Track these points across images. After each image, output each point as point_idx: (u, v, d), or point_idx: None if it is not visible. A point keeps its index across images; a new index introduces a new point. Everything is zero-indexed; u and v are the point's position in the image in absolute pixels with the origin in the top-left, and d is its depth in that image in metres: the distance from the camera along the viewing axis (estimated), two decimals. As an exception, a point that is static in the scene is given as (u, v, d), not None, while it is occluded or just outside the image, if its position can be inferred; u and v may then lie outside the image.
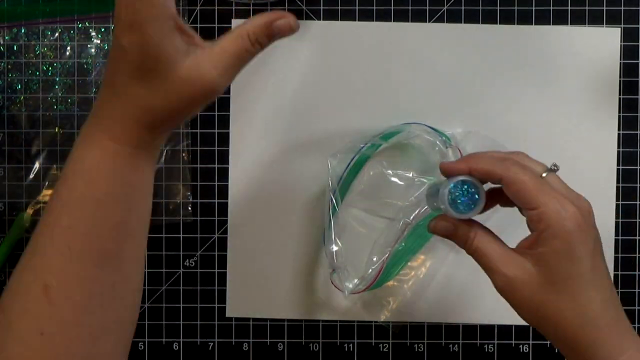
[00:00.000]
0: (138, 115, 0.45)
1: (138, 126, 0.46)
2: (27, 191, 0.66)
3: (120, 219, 0.46)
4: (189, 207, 0.67)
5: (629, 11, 0.66)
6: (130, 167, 0.46)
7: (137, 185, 0.47)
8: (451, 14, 0.66)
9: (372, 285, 0.62)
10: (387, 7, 0.66)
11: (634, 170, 0.66)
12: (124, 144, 0.46)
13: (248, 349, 0.67)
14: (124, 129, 0.46)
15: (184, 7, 0.66)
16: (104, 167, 0.46)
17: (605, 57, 0.66)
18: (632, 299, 0.66)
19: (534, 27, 0.66)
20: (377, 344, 0.67)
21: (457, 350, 0.67)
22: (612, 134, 0.66)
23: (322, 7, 0.67)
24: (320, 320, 0.66)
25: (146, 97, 0.45)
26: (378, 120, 0.66)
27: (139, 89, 0.45)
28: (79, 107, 0.67)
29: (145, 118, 0.45)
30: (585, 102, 0.66)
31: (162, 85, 0.45)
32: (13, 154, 0.67)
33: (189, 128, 0.67)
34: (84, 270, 0.45)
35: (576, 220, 0.45)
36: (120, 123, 0.45)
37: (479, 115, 0.66)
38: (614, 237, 0.66)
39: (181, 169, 0.66)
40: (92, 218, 0.45)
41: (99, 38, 0.67)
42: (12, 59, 0.67)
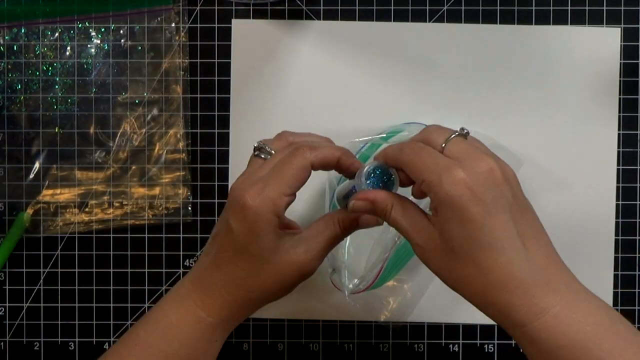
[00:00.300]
0: (235, 294, 0.51)
1: (231, 303, 0.51)
2: (27, 191, 0.66)
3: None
4: (189, 207, 0.67)
5: (629, 11, 0.66)
6: (208, 336, 0.52)
7: (208, 353, 0.53)
8: (451, 14, 0.66)
9: (372, 285, 0.62)
10: (387, 7, 0.66)
11: (634, 170, 0.66)
12: (212, 315, 0.51)
13: (248, 349, 0.67)
14: (217, 303, 0.51)
15: (184, 7, 0.66)
16: (185, 329, 0.51)
17: (605, 57, 0.66)
18: (632, 299, 0.66)
19: (534, 27, 0.66)
20: (377, 344, 0.67)
21: (457, 350, 0.67)
22: (612, 134, 0.66)
23: (322, 7, 0.67)
24: (320, 320, 0.66)
25: (247, 278, 0.50)
26: (378, 119, 0.66)
27: (241, 270, 0.50)
28: (79, 107, 0.67)
29: (242, 297, 0.51)
30: (585, 102, 0.66)
31: (262, 269, 0.50)
32: (13, 154, 0.67)
33: (189, 128, 0.67)
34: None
35: (462, 183, 0.44)
36: (216, 297, 0.51)
37: (479, 115, 0.66)
38: (614, 237, 0.66)
39: (181, 169, 0.67)
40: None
41: (99, 38, 0.67)
42: (12, 59, 0.67)
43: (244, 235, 0.49)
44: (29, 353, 0.67)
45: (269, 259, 0.50)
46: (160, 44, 0.66)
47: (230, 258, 0.50)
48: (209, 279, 0.51)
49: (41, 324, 0.67)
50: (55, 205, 0.66)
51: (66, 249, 0.67)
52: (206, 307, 0.51)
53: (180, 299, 0.52)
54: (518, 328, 0.45)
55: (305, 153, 0.50)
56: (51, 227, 0.66)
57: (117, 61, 0.67)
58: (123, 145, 0.67)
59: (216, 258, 0.51)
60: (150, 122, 0.67)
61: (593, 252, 0.66)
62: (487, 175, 0.45)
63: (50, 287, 0.67)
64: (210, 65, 0.67)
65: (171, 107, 0.67)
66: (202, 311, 0.51)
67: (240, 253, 0.50)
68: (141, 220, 0.67)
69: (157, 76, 0.66)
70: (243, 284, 0.51)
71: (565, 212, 0.66)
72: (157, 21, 0.66)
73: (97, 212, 0.67)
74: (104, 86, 0.67)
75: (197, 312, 0.51)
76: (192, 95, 0.67)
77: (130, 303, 0.67)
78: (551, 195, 0.66)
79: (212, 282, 0.51)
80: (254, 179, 0.50)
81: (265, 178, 0.49)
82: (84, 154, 0.67)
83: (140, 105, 0.67)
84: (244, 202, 0.48)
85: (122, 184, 0.67)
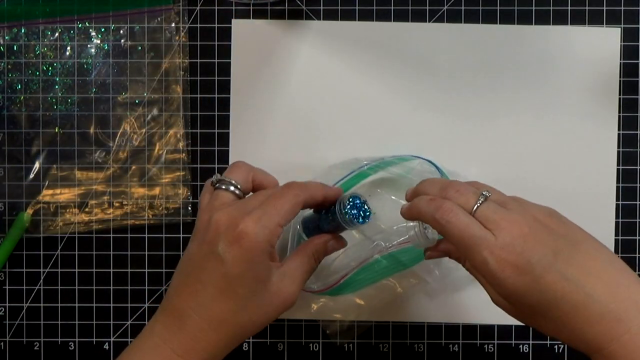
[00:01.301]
0: (222, 332, 0.49)
1: (216, 343, 0.49)
2: (27, 191, 0.66)
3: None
4: (189, 207, 0.67)
5: (629, 11, 0.66)
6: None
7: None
8: (451, 14, 0.66)
9: (327, 290, 0.61)
10: (387, 7, 0.66)
11: (634, 170, 0.66)
12: (190, 358, 0.49)
13: (248, 349, 0.67)
14: (200, 346, 0.49)
15: (184, 7, 0.66)
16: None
17: (605, 57, 0.66)
18: (632, 299, 0.66)
19: (534, 27, 0.66)
20: (377, 344, 0.67)
21: (457, 350, 0.67)
22: (612, 134, 0.66)
23: (322, 7, 0.67)
24: (320, 320, 0.66)
25: (237, 312, 0.49)
26: (378, 119, 0.66)
27: (232, 304, 0.49)
28: (79, 107, 0.67)
29: (229, 334, 0.49)
30: (585, 102, 0.66)
31: (252, 302, 0.49)
32: (13, 154, 0.67)
33: (189, 128, 0.67)
34: None
35: (506, 263, 0.45)
36: (200, 339, 0.49)
37: (478, 115, 0.66)
38: (614, 237, 0.66)
39: (181, 169, 0.67)
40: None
41: (99, 38, 0.67)
42: (12, 59, 0.67)
43: (238, 264, 0.48)
44: (29, 353, 0.67)
45: (260, 291, 0.49)
46: (160, 44, 0.66)
47: (218, 294, 0.49)
48: (187, 319, 0.49)
49: (41, 324, 0.67)
50: (55, 205, 0.66)
51: (66, 249, 0.67)
52: (187, 353, 0.48)
53: (151, 344, 0.49)
54: (594, 353, 0.46)
55: (297, 191, 0.51)
56: (51, 227, 0.66)
57: (117, 61, 0.67)
58: (123, 145, 0.67)
59: (196, 294, 0.49)
60: (150, 122, 0.67)
61: (593, 252, 0.66)
62: (523, 242, 0.46)
63: (50, 287, 0.67)
64: (210, 65, 0.67)
65: (171, 107, 0.67)
66: (179, 357, 0.48)
67: (231, 286, 0.48)
68: (141, 220, 0.67)
69: (157, 76, 0.66)
70: (232, 320, 0.49)
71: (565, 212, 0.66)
72: (157, 21, 0.66)
73: (97, 212, 0.67)
74: (104, 86, 0.67)
75: (172, 358, 0.48)
76: (192, 95, 0.67)
77: (130, 303, 0.67)
78: (551, 195, 0.66)
79: (193, 323, 0.49)
80: (245, 210, 0.49)
81: (261, 209, 0.49)
82: (84, 154, 0.67)
83: (140, 105, 0.67)
84: (240, 229, 0.48)
85: (122, 184, 0.67)
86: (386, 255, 0.61)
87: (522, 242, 0.46)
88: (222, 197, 0.52)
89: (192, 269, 0.50)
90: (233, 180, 0.52)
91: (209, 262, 0.49)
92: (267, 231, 0.48)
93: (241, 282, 0.49)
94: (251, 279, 0.49)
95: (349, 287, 0.62)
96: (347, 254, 0.62)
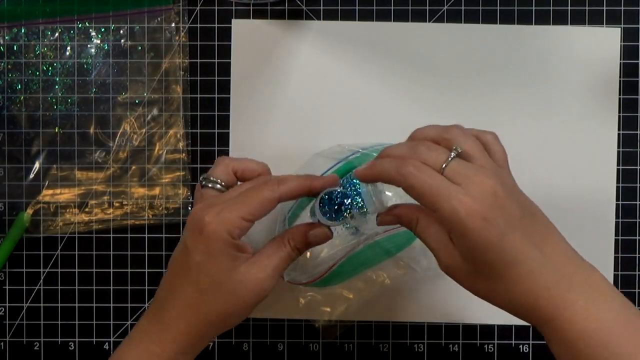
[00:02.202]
0: (191, 321, 0.51)
1: (188, 333, 0.51)
2: (27, 191, 0.66)
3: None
4: (189, 207, 0.67)
5: (629, 11, 0.66)
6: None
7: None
8: (451, 14, 0.66)
9: (315, 282, 0.61)
10: (387, 7, 0.66)
11: (634, 170, 0.66)
12: (167, 350, 0.51)
13: (248, 349, 0.67)
14: (171, 335, 0.51)
15: (184, 7, 0.66)
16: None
17: (605, 57, 0.66)
18: (632, 299, 0.66)
19: (534, 27, 0.66)
20: (377, 344, 0.67)
21: (457, 350, 0.67)
22: (612, 134, 0.66)
23: (322, 7, 0.67)
24: (320, 320, 0.66)
25: (203, 301, 0.50)
26: (378, 119, 0.66)
27: (197, 293, 0.50)
28: (78, 107, 0.67)
29: (199, 323, 0.51)
30: (585, 102, 0.66)
31: (218, 290, 0.50)
32: (13, 154, 0.67)
33: (189, 128, 0.67)
34: None
35: (476, 214, 0.45)
36: (172, 328, 0.51)
37: (478, 115, 0.66)
38: (614, 237, 0.66)
39: (181, 169, 0.67)
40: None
41: (99, 38, 0.67)
42: (12, 59, 0.67)
43: (199, 254, 0.50)
44: (29, 353, 0.67)
45: (225, 279, 0.50)
46: (160, 44, 0.66)
47: (185, 282, 0.51)
48: (164, 310, 0.51)
49: (41, 324, 0.67)
50: (55, 205, 0.66)
51: (66, 249, 0.67)
52: (161, 341, 0.51)
53: (137, 337, 0.52)
54: (545, 324, 0.47)
55: (274, 186, 0.51)
56: (51, 227, 0.66)
57: (117, 61, 0.67)
58: (123, 145, 0.67)
59: (171, 285, 0.52)
60: (150, 122, 0.67)
61: (593, 252, 0.66)
62: (493, 199, 0.46)
63: (50, 287, 0.67)
64: (210, 65, 0.67)
65: (171, 107, 0.67)
66: (157, 346, 0.51)
67: (196, 274, 0.50)
68: (141, 220, 0.67)
69: (157, 76, 0.66)
70: (199, 309, 0.51)
71: (565, 212, 0.66)
72: (157, 21, 0.66)
73: (97, 212, 0.67)
74: (104, 86, 0.67)
75: (151, 349, 0.51)
76: (192, 95, 0.67)
77: (130, 303, 0.67)
78: (551, 195, 0.66)
79: (167, 313, 0.51)
80: (214, 203, 0.51)
81: (226, 202, 0.51)
82: (84, 154, 0.67)
83: (140, 105, 0.67)
84: (202, 221, 0.50)
85: (122, 184, 0.67)
86: (372, 244, 0.60)
87: (492, 198, 0.46)
88: (205, 195, 0.53)
89: (171, 262, 0.53)
90: (214, 177, 0.54)
91: (181, 253, 0.52)
92: (226, 222, 0.50)
93: (204, 271, 0.50)
94: (213, 268, 0.50)
95: (336, 278, 0.62)
96: (333, 244, 0.61)
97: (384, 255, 0.62)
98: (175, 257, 0.52)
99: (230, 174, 0.54)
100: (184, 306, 0.51)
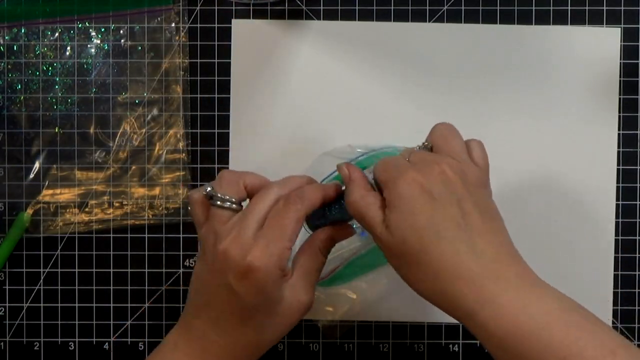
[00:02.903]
0: (242, 354, 0.50)
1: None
2: (27, 191, 0.66)
3: None
4: (189, 207, 0.67)
5: (629, 11, 0.66)
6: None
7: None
8: (451, 14, 0.66)
9: (321, 281, 0.61)
10: (387, 7, 0.66)
11: (634, 170, 0.66)
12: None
13: (248, 349, 0.67)
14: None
15: (184, 7, 0.66)
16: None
17: (605, 57, 0.66)
18: (632, 298, 0.66)
19: (534, 27, 0.66)
20: (377, 344, 0.67)
21: (457, 350, 0.67)
22: (612, 134, 0.66)
23: (322, 7, 0.67)
24: (320, 320, 0.66)
25: (256, 337, 0.50)
26: (378, 119, 0.66)
27: (251, 331, 0.50)
28: (79, 107, 0.67)
29: (247, 353, 0.50)
30: (585, 102, 0.66)
31: (271, 324, 0.50)
32: (13, 154, 0.67)
33: (189, 128, 0.67)
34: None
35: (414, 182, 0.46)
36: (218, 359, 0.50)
37: (478, 115, 0.66)
38: (614, 237, 0.66)
39: (181, 169, 0.67)
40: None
41: (99, 38, 0.67)
42: (12, 59, 0.67)
43: (252, 296, 0.48)
44: (29, 353, 0.67)
45: (277, 310, 0.50)
46: (160, 44, 0.66)
47: (237, 322, 0.49)
48: (213, 345, 0.50)
49: (41, 324, 0.67)
50: (55, 205, 0.66)
51: (66, 249, 0.67)
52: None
53: None
54: (469, 318, 0.46)
55: (297, 204, 0.49)
56: (51, 227, 0.67)
57: (117, 61, 0.67)
58: (123, 145, 0.67)
59: (219, 325, 0.50)
60: (150, 122, 0.67)
61: (593, 252, 0.66)
62: (438, 175, 0.47)
63: (50, 287, 0.67)
64: (210, 65, 0.67)
65: (171, 107, 0.67)
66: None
67: (249, 315, 0.49)
68: (141, 220, 0.67)
69: (157, 76, 0.67)
70: (252, 344, 0.50)
71: (565, 212, 0.66)
72: (157, 21, 0.66)
73: (97, 212, 0.67)
74: (104, 86, 0.67)
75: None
76: (192, 95, 0.67)
77: (130, 303, 0.67)
78: (551, 195, 0.66)
79: (217, 347, 0.50)
80: (246, 237, 0.48)
81: (264, 235, 0.48)
82: (84, 154, 0.67)
83: (140, 105, 0.67)
84: (249, 264, 0.47)
85: (122, 184, 0.67)
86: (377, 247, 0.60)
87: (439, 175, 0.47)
88: (220, 216, 0.50)
89: (209, 296, 0.50)
90: (227, 196, 0.50)
91: (223, 292, 0.49)
92: (275, 259, 0.48)
93: (258, 310, 0.49)
94: (267, 305, 0.49)
95: (341, 278, 0.62)
96: (340, 244, 0.61)
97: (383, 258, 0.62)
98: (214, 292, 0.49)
99: (242, 190, 0.51)
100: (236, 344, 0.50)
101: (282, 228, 0.48)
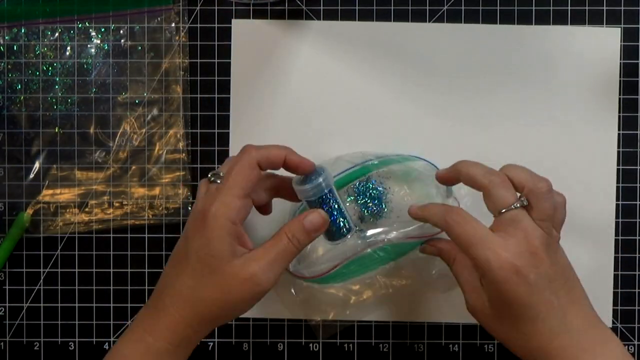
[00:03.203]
0: (183, 310, 0.51)
1: (180, 323, 0.51)
2: (27, 191, 0.66)
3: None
4: (189, 207, 0.67)
5: (629, 11, 0.66)
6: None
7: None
8: (451, 14, 0.66)
9: (318, 278, 0.61)
10: (387, 7, 0.66)
11: (634, 170, 0.66)
12: (160, 339, 0.51)
13: (248, 349, 0.67)
14: (164, 324, 0.51)
15: (184, 7, 0.66)
16: (135, 358, 0.51)
17: (605, 57, 0.66)
18: (632, 299, 0.66)
19: (534, 27, 0.66)
20: (377, 344, 0.67)
21: (457, 350, 0.67)
22: (612, 134, 0.66)
23: (322, 7, 0.67)
24: (320, 320, 0.66)
25: (194, 288, 0.50)
26: (378, 120, 0.66)
27: (189, 279, 0.51)
28: (78, 107, 0.67)
29: (190, 313, 0.51)
30: (585, 102, 0.66)
31: (209, 279, 0.50)
32: (13, 154, 0.67)
33: (189, 128, 0.67)
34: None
35: (508, 266, 0.49)
36: (165, 317, 0.51)
37: (478, 115, 0.66)
38: (614, 237, 0.66)
39: (181, 169, 0.67)
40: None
41: (99, 38, 0.67)
42: (12, 59, 0.67)
43: (196, 239, 0.51)
44: (29, 353, 0.67)
45: (219, 270, 0.50)
46: (160, 44, 0.66)
47: (182, 270, 0.51)
48: (159, 300, 0.52)
49: (41, 324, 0.67)
50: (55, 205, 0.66)
51: (66, 249, 0.67)
52: (155, 331, 0.51)
53: (134, 327, 0.53)
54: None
55: (251, 152, 0.52)
56: (51, 227, 0.67)
57: (117, 61, 0.67)
58: (123, 145, 0.67)
59: (169, 274, 0.52)
60: (150, 122, 0.67)
61: (593, 252, 0.66)
62: (530, 256, 0.49)
63: (50, 287, 0.67)
64: (210, 65, 0.67)
65: (171, 107, 0.67)
66: (150, 336, 0.51)
67: (193, 261, 0.51)
68: (141, 220, 0.67)
69: (157, 76, 0.67)
70: (190, 297, 0.51)
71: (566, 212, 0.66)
72: (157, 21, 0.66)
73: (97, 212, 0.67)
74: (104, 86, 0.67)
75: (145, 338, 0.51)
76: (192, 95, 0.67)
77: (130, 303, 0.67)
78: (551, 195, 0.66)
79: (162, 302, 0.51)
80: (211, 193, 0.52)
81: (221, 186, 0.52)
82: (84, 154, 0.67)
83: (140, 105, 0.67)
84: (202, 209, 0.51)
85: (122, 184, 0.67)
86: (380, 248, 0.60)
87: (529, 256, 0.49)
88: (210, 189, 0.53)
89: (172, 254, 0.53)
90: (221, 173, 0.53)
91: (181, 242, 0.53)
92: (223, 206, 0.50)
93: (198, 257, 0.50)
94: (208, 254, 0.50)
95: (338, 277, 0.62)
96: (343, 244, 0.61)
97: (387, 259, 0.62)
98: (176, 247, 0.53)
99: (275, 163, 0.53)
100: (178, 295, 0.51)
101: (233, 177, 0.51)
